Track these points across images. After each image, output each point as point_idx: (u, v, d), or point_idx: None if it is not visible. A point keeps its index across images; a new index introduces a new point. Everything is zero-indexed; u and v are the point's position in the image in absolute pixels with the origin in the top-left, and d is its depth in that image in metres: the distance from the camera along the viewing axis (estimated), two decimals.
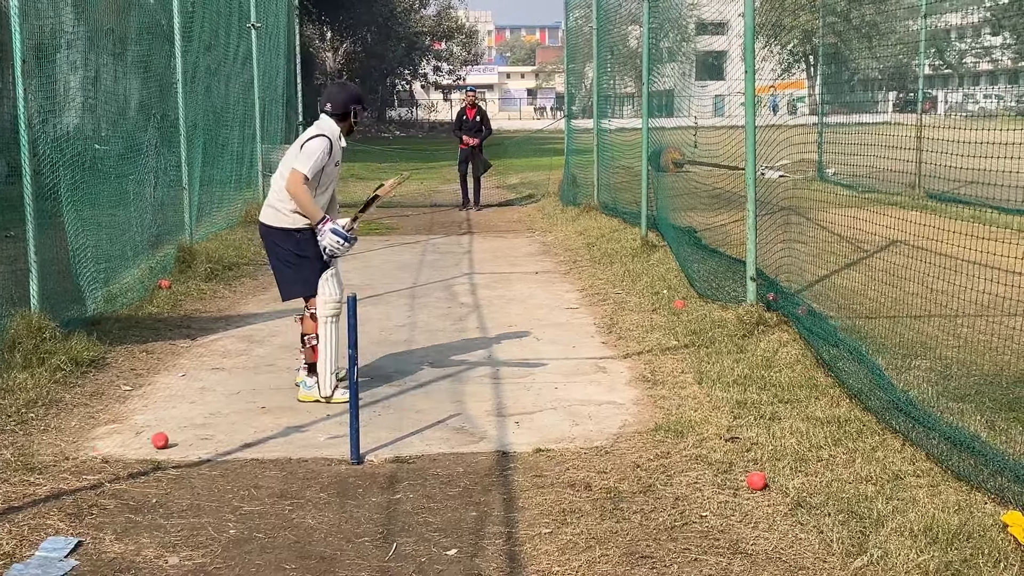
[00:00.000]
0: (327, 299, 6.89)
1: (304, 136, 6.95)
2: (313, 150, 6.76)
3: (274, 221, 6.92)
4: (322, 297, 6.89)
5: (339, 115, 6.95)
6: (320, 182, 6.88)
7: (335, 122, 6.95)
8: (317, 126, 6.94)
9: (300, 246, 6.88)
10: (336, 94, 7.03)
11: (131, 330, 8.77)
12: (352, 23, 55.61)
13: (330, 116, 6.95)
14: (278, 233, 6.92)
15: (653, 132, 13.38)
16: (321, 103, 7.03)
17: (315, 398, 6.91)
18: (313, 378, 6.96)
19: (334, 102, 6.94)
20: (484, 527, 4.86)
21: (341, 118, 6.96)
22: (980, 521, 4.53)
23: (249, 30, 16.35)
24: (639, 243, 12.61)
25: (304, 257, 6.89)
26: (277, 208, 6.90)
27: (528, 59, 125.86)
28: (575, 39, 21.23)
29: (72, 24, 9.96)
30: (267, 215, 6.97)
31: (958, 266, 7.18)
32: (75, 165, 8.91)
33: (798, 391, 6.59)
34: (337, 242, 6.78)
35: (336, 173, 7.08)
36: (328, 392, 6.89)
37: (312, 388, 6.94)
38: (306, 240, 6.86)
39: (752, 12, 8.35)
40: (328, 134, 6.86)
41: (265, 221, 6.98)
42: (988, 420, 5.71)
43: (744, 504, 5.01)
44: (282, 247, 6.93)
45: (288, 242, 6.89)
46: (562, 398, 6.95)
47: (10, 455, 5.74)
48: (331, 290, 6.90)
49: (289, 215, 6.85)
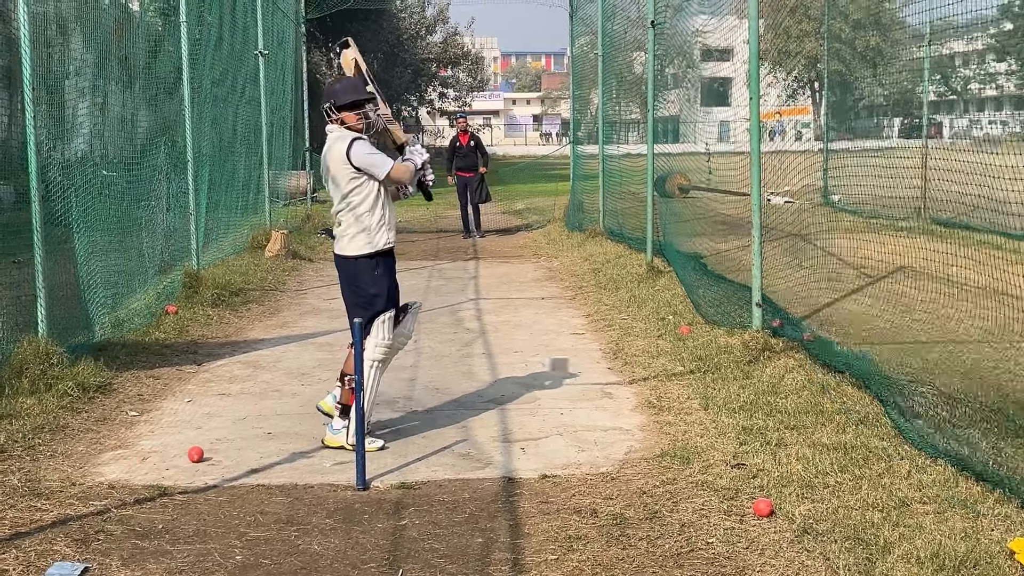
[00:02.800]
0: (379, 342, 6.41)
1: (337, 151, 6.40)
2: (363, 156, 6.33)
3: (353, 251, 6.41)
4: (375, 339, 6.40)
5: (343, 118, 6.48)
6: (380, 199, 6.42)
7: (339, 128, 6.46)
8: (335, 134, 6.47)
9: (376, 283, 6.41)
10: (333, 93, 6.56)
11: (138, 356, 8.79)
12: (358, 50, 55.85)
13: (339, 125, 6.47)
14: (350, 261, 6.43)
15: (659, 158, 13.41)
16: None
17: (340, 444, 6.41)
18: (343, 422, 6.48)
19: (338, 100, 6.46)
20: (490, 553, 4.86)
21: (344, 123, 6.48)
22: (987, 548, 4.52)
23: (257, 57, 16.45)
24: (645, 269, 12.62)
25: (376, 295, 6.41)
26: (352, 236, 6.42)
27: (534, 85, 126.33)
28: (580, 65, 21.32)
29: (80, 51, 10.04)
30: (345, 246, 6.45)
31: (964, 292, 7.18)
32: (83, 191, 8.96)
33: (804, 417, 6.58)
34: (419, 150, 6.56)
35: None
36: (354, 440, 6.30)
37: (340, 432, 6.46)
38: (383, 274, 6.43)
39: (757, 39, 8.39)
40: (349, 136, 6.39)
41: (346, 252, 6.45)
42: (995, 446, 5.70)
43: (750, 531, 5.01)
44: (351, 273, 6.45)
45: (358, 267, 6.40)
46: (568, 424, 6.95)
47: (17, 480, 5.75)
48: (384, 333, 6.43)
49: (366, 238, 6.39)
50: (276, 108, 18.37)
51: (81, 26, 9.98)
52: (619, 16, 16.57)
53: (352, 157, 6.33)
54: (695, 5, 12.80)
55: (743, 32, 9.51)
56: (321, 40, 51.29)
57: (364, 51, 7.05)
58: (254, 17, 16.43)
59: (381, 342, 6.44)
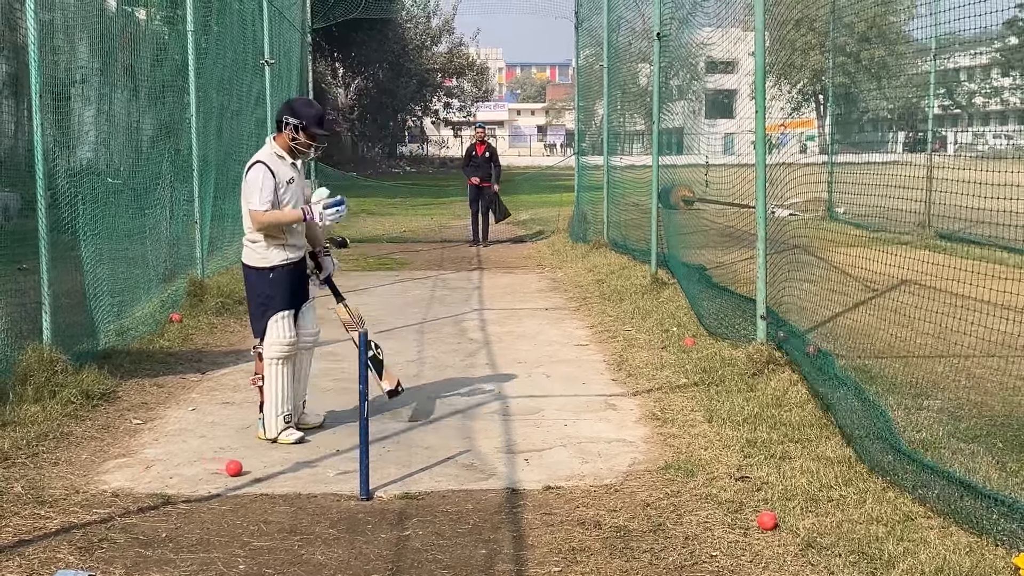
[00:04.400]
0: (273, 340, 6.72)
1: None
2: (251, 183, 6.59)
3: (249, 260, 6.78)
4: (269, 339, 6.73)
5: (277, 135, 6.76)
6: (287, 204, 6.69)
7: (271, 141, 6.76)
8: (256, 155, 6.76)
9: (271, 286, 6.71)
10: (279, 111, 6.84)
11: (142, 364, 8.80)
12: (364, 60, 55.97)
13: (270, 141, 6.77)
14: (252, 271, 6.78)
15: (663, 169, 13.42)
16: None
17: (264, 437, 6.81)
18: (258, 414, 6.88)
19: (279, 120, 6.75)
20: (494, 565, 4.85)
21: (276, 136, 6.76)
22: (992, 563, 4.51)
23: (263, 66, 16.48)
24: (649, 280, 12.61)
25: (271, 296, 6.73)
26: (250, 247, 6.77)
27: (538, 96, 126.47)
28: (585, 76, 21.36)
29: (87, 58, 10.07)
30: (245, 254, 6.82)
31: (969, 305, 7.17)
32: (90, 198, 8.97)
33: (808, 430, 6.57)
34: (335, 212, 6.66)
35: (299, 192, 6.81)
36: (273, 434, 6.76)
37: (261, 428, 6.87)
38: (278, 280, 6.72)
39: (763, 51, 8.40)
40: (261, 159, 6.64)
41: (244, 260, 6.84)
42: (999, 461, 5.69)
43: (754, 544, 5.00)
44: (254, 283, 6.78)
45: (261, 281, 6.74)
46: (571, 435, 6.94)
47: (21, 488, 5.75)
48: (280, 332, 6.71)
49: (261, 252, 6.71)
50: None
51: (88, 34, 10.01)
52: (624, 28, 16.61)
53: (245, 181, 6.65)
54: (700, 17, 12.81)
55: (747, 44, 9.53)
56: (327, 50, 51.45)
57: (369, 61, 7.00)
58: (260, 26, 16.46)
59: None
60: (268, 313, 6.72)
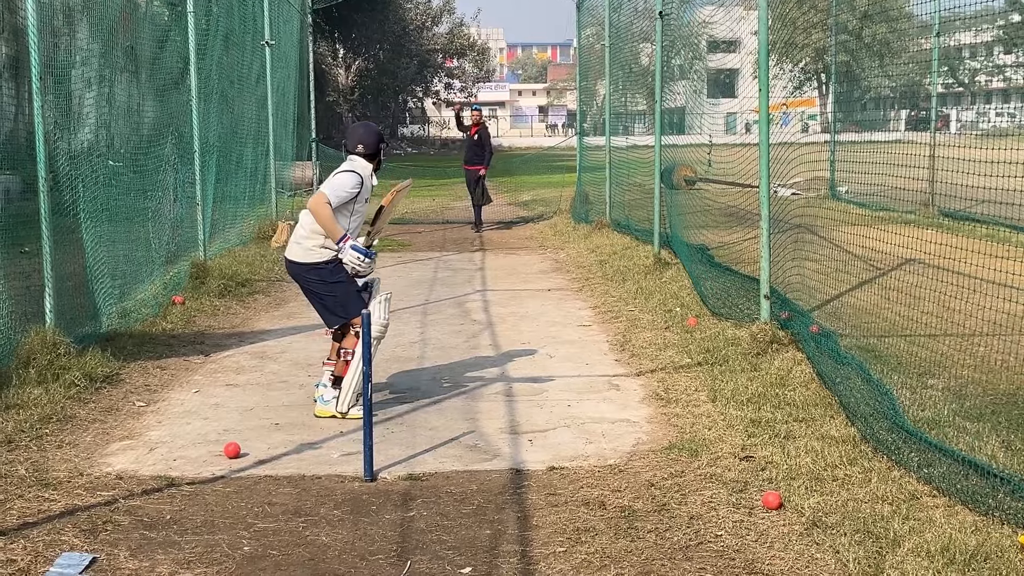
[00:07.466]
0: (375, 320, 6.78)
1: (337, 170, 7.10)
2: (343, 182, 6.92)
3: (300, 257, 6.98)
4: (375, 316, 6.81)
5: (370, 154, 7.10)
6: (351, 216, 7.00)
7: (366, 160, 7.09)
8: (350, 162, 7.06)
9: (330, 275, 6.94)
10: (367, 135, 7.17)
11: (145, 346, 8.79)
12: (365, 41, 55.85)
13: (362, 156, 7.08)
14: (305, 268, 6.98)
15: (666, 149, 13.38)
16: (350, 144, 7.13)
17: (331, 413, 6.92)
18: (333, 392, 6.97)
19: (366, 143, 7.10)
20: (498, 545, 4.85)
21: (371, 157, 7.10)
22: (998, 542, 4.51)
23: (263, 48, 16.43)
24: (652, 260, 12.60)
25: (336, 283, 6.96)
26: (302, 244, 6.97)
27: (540, 76, 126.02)
28: (587, 57, 21.28)
29: (87, 41, 10.03)
30: (293, 251, 7.03)
31: (973, 284, 7.16)
32: (91, 181, 8.95)
33: (813, 409, 6.56)
34: (358, 258, 6.86)
35: (364, 211, 7.19)
36: (345, 408, 6.91)
37: (330, 403, 6.95)
38: (331, 270, 6.94)
39: (766, 30, 8.36)
40: (360, 171, 7.01)
41: (291, 258, 7.03)
42: (1004, 440, 5.68)
43: (759, 523, 4.99)
44: (312, 279, 6.99)
45: (316, 274, 6.96)
46: (575, 416, 6.94)
47: (25, 471, 5.75)
48: (382, 313, 6.96)
49: (314, 250, 6.93)
50: (282, 98, 18.34)
51: (88, 16, 9.97)
52: (626, 7, 16.53)
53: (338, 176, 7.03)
54: None
55: (750, 23, 9.48)
56: (327, 30, 51.30)
57: (370, 42, 7.02)
58: (261, 7, 16.40)
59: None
60: (353, 296, 6.97)
